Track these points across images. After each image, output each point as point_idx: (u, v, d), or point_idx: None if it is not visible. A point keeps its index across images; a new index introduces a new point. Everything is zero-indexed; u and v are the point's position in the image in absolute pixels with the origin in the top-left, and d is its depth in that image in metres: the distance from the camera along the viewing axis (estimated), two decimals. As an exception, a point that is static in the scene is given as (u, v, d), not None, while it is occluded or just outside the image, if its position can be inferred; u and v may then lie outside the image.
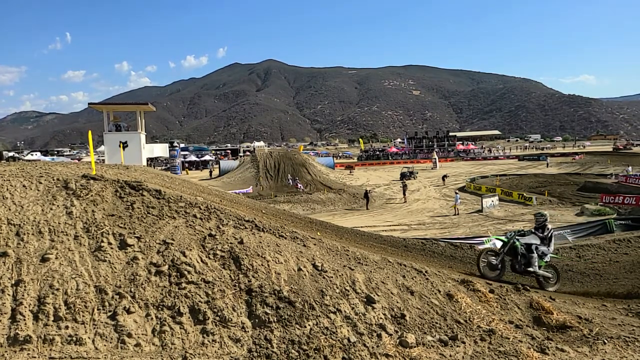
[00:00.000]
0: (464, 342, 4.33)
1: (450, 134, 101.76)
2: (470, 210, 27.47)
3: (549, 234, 7.80)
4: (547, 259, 7.74)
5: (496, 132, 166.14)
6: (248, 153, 74.33)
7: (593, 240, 12.07)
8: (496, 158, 78.52)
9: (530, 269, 7.54)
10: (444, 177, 42.57)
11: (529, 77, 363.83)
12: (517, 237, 7.82)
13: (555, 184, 35.44)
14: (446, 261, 9.44)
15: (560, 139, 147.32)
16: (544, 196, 29.80)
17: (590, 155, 69.23)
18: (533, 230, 7.93)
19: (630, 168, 41.31)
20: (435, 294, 5.24)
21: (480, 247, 11.14)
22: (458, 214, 26.30)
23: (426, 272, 5.88)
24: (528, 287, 6.16)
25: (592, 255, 10.65)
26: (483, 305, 5.27)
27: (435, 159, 64.09)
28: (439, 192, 36.37)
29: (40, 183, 5.81)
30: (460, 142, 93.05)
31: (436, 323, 4.62)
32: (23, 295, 3.87)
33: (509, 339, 4.49)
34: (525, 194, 29.86)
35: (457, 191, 31.12)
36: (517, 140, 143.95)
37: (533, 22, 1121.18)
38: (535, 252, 7.59)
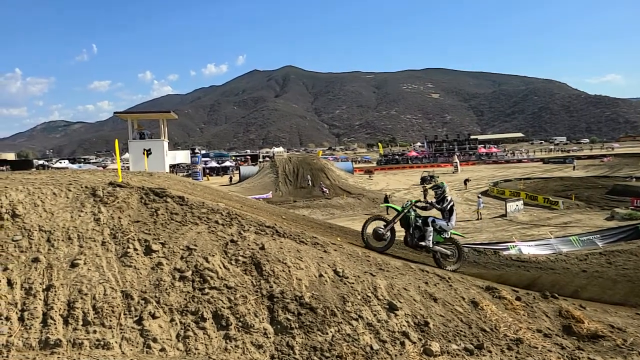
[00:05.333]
0: (490, 351, 4.22)
1: (472, 137, 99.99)
2: (493, 215, 26.94)
3: (448, 206, 7.17)
4: (446, 234, 7.19)
5: (519, 134, 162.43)
6: (267, 159, 74.91)
7: (624, 245, 11.61)
8: (520, 161, 76.80)
9: (423, 243, 7.03)
10: (466, 181, 41.89)
11: (552, 78, 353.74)
12: (413, 208, 7.26)
13: (583, 187, 34.41)
14: (469, 267, 9.24)
15: (587, 140, 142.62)
16: (571, 200, 28.94)
17: (620, 157, 66.93)
18: (432, 202, 7.34)
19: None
20: (459, 301, 5.13)
21: (504, 247, 10.87)
22: (481, 219, 25.81)
23: (449, 278, 5.78)
24: (557, 295, 5.97)
25: (623, 262, 10.24)
26: (509, 313, 5.13)
27: (456, 162, 63.18)
28: (461, 196, 35.78)
29: (70, 191, 6.00)
30: (482, 145, 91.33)
31: (461, 331, 4.52)
32: (54, 300, 3.98)
33: (537, 348, 4.36)
34: (551, 198, 29.08)
35: (479, 195, 30.56)
36: (541, 143, 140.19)
37: (556, 22, 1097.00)
38: (431, 225, 7.05)
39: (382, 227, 7.19)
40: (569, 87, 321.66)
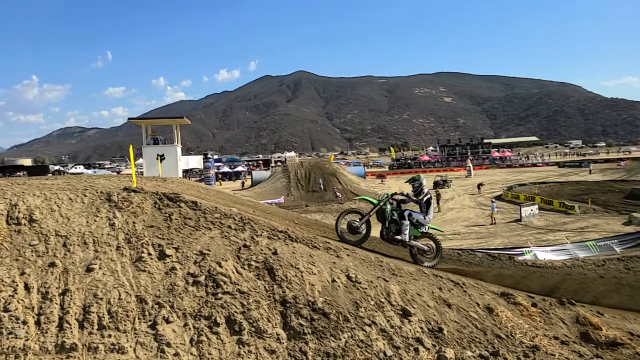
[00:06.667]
0: (506, 359, 4.14)
1: (485, 140, 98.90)
2: (507, 220, 26.57)
3: (424, 199, 7.06)
4: (423, 229, 7.07)
5: (534, 138, 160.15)
6: (279, 163, 75.14)
7: (644, 251, 11.31)
8: (534, 165, 75.78)
9: (399, 237, 6.90)
10: (480, 185, 41.42)
11: (567, 81, 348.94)
12: (390, 201, 7.12)
13: (599, 192, 33.76)
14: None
15: (604, 144, 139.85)
16: (587, 204, 28.39)
17: (637, 160, 65.54)
18: (408, 194, 7.23)
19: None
20: (474, 307, 5.06)
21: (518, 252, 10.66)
22: (495, 224, 25.48)
23: (463, 284, 5.71)
24: (574, 302, 5.84)
25: (643, 267, 9.96)
26: (525, 319, 5.04)
27: (469, 166, 62.58)
28: (474, 200, 35.40)
29: (85, 196, 6.09)
30: (496, 149, 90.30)
31: (475, 337, 4.45)
32: (69, 304, 4.03)
33: (554, 355, 4.27)
34: (566, 202, 28.59)
35: (493, 200, 30.15)
36: (556, 147, 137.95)
37: (570, 24, 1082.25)
38: (407, 219, 6.92)
39: (357, 220, 7.07)
40: (584, 89, 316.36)
